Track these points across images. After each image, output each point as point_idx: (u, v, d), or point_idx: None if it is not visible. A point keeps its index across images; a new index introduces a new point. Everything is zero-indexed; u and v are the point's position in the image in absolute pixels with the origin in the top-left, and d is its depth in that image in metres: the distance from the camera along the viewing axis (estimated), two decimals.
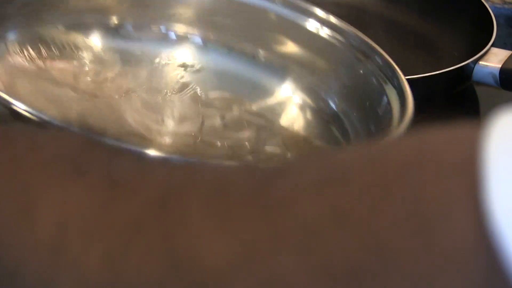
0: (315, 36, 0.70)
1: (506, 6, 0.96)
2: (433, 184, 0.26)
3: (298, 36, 0.71)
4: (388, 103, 0.64)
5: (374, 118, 0.64)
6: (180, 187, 0.31)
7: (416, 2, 0.91)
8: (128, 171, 0.34)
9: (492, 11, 0.84)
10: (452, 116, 0.63)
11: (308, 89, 0.69)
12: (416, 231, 0.25)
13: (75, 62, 0.67)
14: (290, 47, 0.71)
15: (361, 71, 0.67)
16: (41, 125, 0.48)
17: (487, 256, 0.24)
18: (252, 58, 0.71)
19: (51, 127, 0.46)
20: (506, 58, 0.77)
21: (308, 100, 0.69)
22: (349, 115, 0.67)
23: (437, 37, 0.89)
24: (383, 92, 0.65)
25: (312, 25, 0.70)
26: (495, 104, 0.80)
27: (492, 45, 0.79)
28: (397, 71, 0.66)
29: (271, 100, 0.70)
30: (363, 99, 0.66)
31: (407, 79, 0.71)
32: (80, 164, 0.34)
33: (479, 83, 0.79)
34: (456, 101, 0.82)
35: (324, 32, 0.70)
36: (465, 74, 0.78)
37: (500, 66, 0.76)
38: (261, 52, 0.71)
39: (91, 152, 0.35)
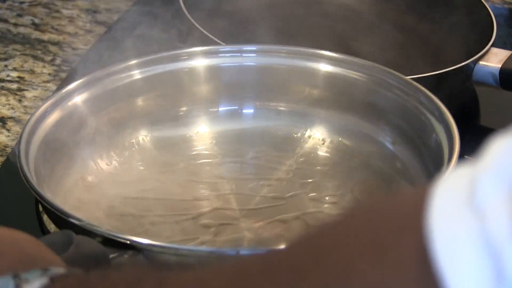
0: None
1: (506, 6, 0.96)
2: (390, 224, 0.36)
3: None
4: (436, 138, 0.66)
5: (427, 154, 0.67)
6: None
7: (416, 2, 0.91)
8: None
9: (492, 11, 0.84)
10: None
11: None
12: (375, 254, 0.35)
13: None
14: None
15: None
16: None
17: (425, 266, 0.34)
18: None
19: None
20: (506, 58, 0.77)
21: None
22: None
23: (437, 37, 0.89)
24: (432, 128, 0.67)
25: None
26: (495, 104, 0.81)
27: (492, 45, 0.79)
28: (438, 103, 0.68)
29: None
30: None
31: (408, 79, 0.71)
32: None
33: (479, 83, 0.79)
34: (456, 101, 0.82)
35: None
36: (465, 74, 0.78)
37: (500, 66, 0.77)
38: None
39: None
